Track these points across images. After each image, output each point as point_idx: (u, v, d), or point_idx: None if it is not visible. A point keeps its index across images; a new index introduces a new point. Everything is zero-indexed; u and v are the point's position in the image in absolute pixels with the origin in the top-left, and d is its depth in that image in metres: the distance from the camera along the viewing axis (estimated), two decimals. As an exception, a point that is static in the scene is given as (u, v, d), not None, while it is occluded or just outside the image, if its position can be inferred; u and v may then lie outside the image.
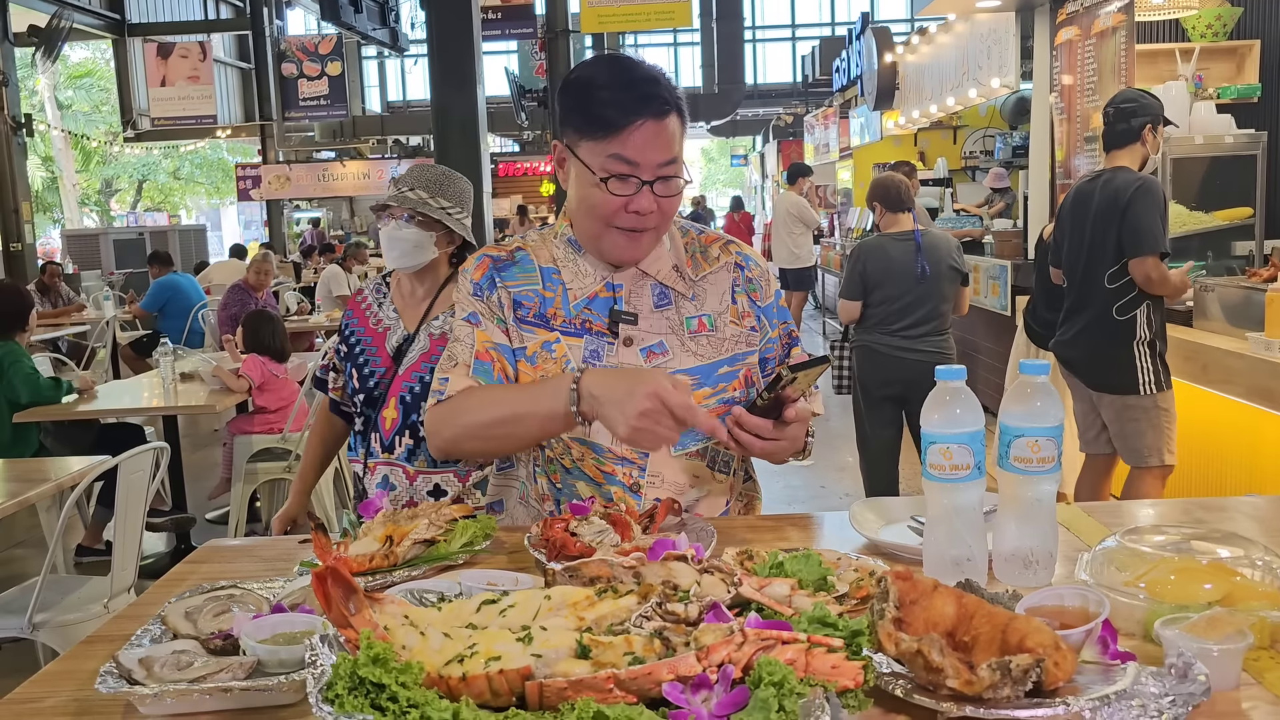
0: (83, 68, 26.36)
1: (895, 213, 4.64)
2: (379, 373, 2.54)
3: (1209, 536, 1.39)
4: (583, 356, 1.70)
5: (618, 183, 1.62)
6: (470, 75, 6.46)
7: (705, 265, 1.79)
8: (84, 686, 1.16)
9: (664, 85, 1.64)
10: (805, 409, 1.60)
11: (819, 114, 16.50)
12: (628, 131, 1.60)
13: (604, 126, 1.61)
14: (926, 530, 1.39)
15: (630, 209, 1.63)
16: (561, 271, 1.75)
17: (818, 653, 0.97)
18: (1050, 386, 1.34)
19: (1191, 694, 0.99)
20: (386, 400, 2.51)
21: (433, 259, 2.54)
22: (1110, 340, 3.87)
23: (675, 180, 1.65)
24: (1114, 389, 3.91)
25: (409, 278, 2.60)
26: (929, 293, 4.51)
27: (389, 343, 2.56)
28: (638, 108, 1.60)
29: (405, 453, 2.49)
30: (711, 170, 42.65)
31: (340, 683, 0.93)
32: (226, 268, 11.77)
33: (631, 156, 1.61)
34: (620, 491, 1.69)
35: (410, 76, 26.37)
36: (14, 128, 12.30)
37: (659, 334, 1.72)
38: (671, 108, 1.63)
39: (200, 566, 1.60)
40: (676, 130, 1.64)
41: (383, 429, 2.50)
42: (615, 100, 1.61)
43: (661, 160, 1.62)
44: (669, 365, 1.70)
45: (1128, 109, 3.91)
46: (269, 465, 5.04)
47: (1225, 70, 6.74)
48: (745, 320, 1.77)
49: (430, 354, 2.49)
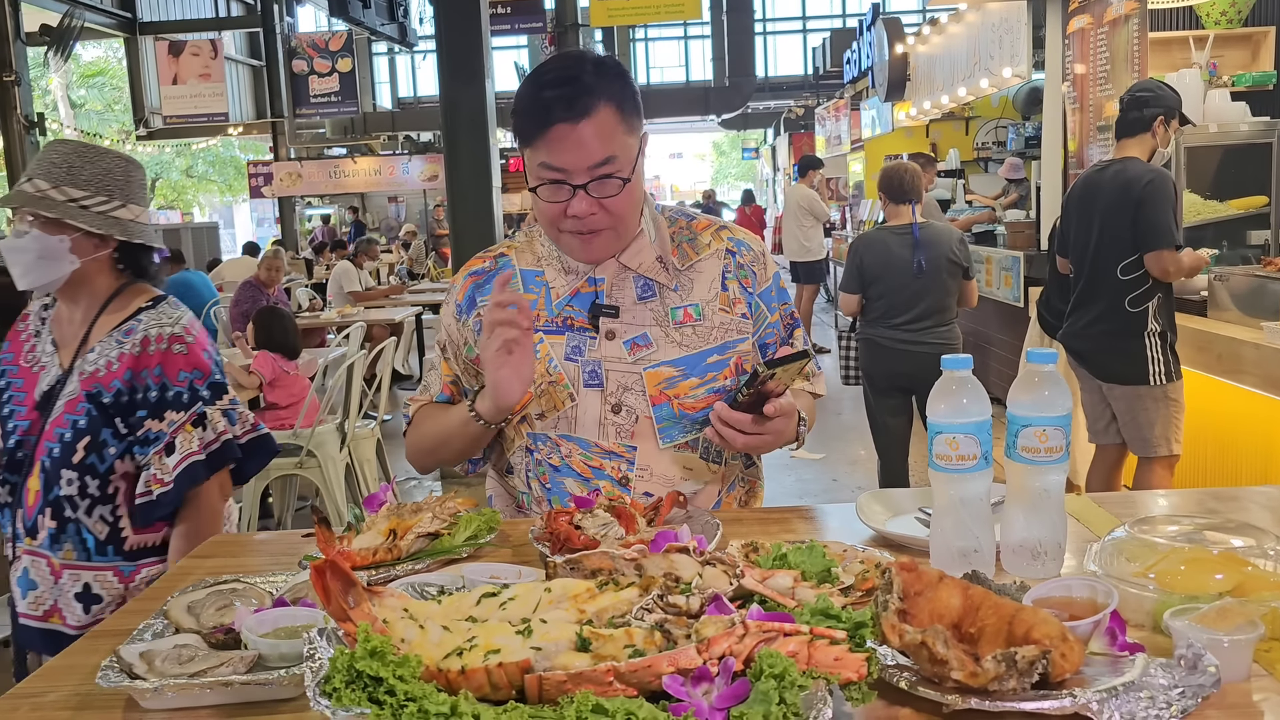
0: (95, 66, 26.47)
1: (897, 204, 4.63)
2: (22, 427, 2.00)
3: (1221, 526, 1.37)
4: (564, 353, 1.69)
5: (549, 189, 1.61)
6: (479, 70, 6.45)
7: (693, 254, 1.76)
8: (86, 681, 1.16)
9: (580, 84, 1.56)
10: (788, 403, 1.59)
11: (830, 106, 16.44)
12: (544, 138, 1.57)
13: (524, 136, 1.61)
14: (933, 521, 1.37)
15: (569, 214, 1.61)
16: (545, 270, 1.74)
17: (820, 645, 0.96)
18: (1058, 376, 1.32)
19: (1201, 685, 0.98)
20: (31, 464, 1.98)
21: (76, 272, 1.97)
22: (1122, 331, 3.86)
23: (612, 180, 1.59)
24: (1124, 379, 3.90)
25: (63, 300, 2.05)
26: (928, 287, 4.50)
27: (39, 387, 2.00)
28: (547, 113, 1.56)
29: (48, 539, 1.98)
30: (723, 164, 42.58)
31: (338, 676, 0.93)
32: (239, 265, 11.81)
33: (555, 163, 1.58)
34: (608, 485, 1.68)
35: (420, 72, 26.39)
36: (27, 127, 12.35)
37: (642, 326, 1.70)
38: (599, 98, 1.56)
39: (205, 561, 1.60)
40: (610, 125, 1.58)
41: (26, 504, 1.99)
42: (528, 108, 1.59)
43: (590, 163, 1.57)
44: (653, 357, 1.69)
45: (1142, 98, 3.89)
46: (281, 461, 5.04)
47: (1240, 58, 6.68)
48: (736, 307, 1.74)
49: (77, 402, 1.94)
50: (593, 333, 1.70)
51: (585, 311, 1.70)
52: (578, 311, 1.71)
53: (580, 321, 1.70)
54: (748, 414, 1.57)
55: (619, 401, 1.68)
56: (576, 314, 1.71)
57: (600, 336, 1.70)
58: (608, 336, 1.70)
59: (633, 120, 1.63)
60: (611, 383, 1.69)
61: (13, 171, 12.38)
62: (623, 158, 1.60)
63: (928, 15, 12.19)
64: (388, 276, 12.80)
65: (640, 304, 1.71)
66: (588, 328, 1.70)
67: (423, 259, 15.68)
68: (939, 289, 4.50)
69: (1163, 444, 3.86)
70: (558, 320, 1.71)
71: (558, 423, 1.69)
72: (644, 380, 1.68)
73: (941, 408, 1.29)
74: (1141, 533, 1.34)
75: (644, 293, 1.72)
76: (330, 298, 9.71)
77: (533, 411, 1.70)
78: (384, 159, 18.81)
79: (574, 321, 1.71)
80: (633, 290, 1.72)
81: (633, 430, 1.68)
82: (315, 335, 8.37)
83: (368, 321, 7.94)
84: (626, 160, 1.61)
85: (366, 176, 18.11)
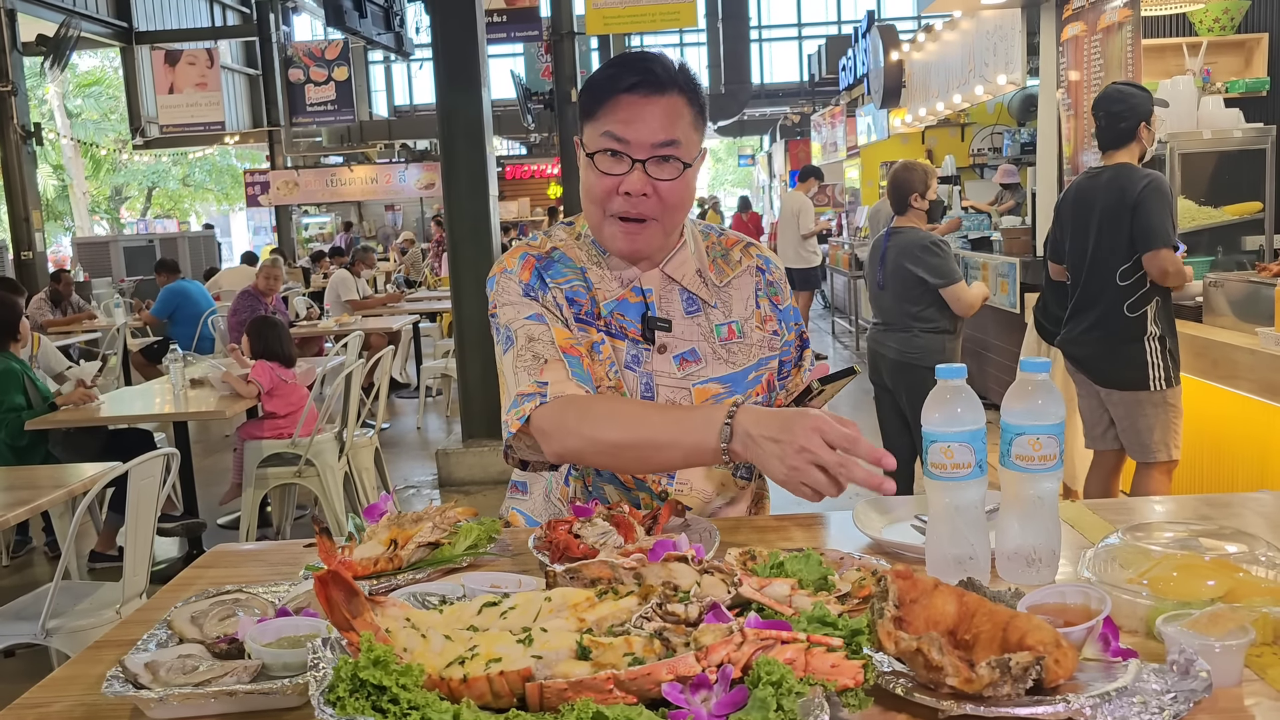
0: (91, 76, 26.49)
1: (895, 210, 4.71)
2: None
3: (1214, 533, 1.39)
4: (624, 361, 1.67)
5: (607, 159, 1.59)
6: (475, 78, 6.46)
7: (728, 270, 1.76)
8: (91, 691, 1.17)
9: (663, 64, 1.58)
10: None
11: (826, 113, 16.49)
12: (614, 104, 1.57)
13: (595, 101, 1.59)
14: (929, 529, 1.39)
15: (621, 190, 1.58)
16: (590, 269, 1.71)
17: (817, 652, 0.98)
18: (1051, 384, 1.33)
19: (1193, 690, 0.99)
20: None
21: None
22: (1121, 337, 3.87)
23: (673, 162, 1.58)
24: (1124, 385, 3.91)
25: None
26: (890, 293, 4.64)
27: None
28: (626, 80, 1.57)
29: None
30: (719, 170, 42.63)
31: (342, 685, 0.94)
32: (237, 274, 11.82)
33: (620, 133, 1.57)
34: (648, 498, 1.69)
35: (416, 80, 26.42)
36: (24, 137, 12.35)
37: (691, 341, 1.69)
38: (670, 86, 1.57)
39: (207, 571, 1.61)
40: (679, 111, 1.58)
41: None
42: (608, 75, 1.60)
43: (656, 140, 1.56)
44: (702, 373, 1.68)
45: (1118, 112, 3.90)
46: (279, 470, 5.06)
47: (1233, 64, 6.71)
48: (768, 325, 1.75)
49: None
50: (647, 345, 1.68)
51: (635, 321, 1.68)
52: (629, 321, 1.68)
53: (632, 332, 1.68)
54: None
55: None
56: (627, 323, 1.68)
57: (653, 350, 1.68)
58: (660, 350, 1.68)
59: (699, 122, 1.63)
60: (661, 397, 1.67)
61: (10, 181, 12.38)
62: (686, 145, 1.60)
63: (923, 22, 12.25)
64: (385, 285, 12.81)
65: (688, 318, 1.70)
66: (639, 339, 1.68)
67: (420, 267, 15.69)
68: (901, 295, 4.58)
69: (1162, 449, 3.87)
70: (608, 323, 1.68)
71: None
72: (693, 396, 1.67)
73: (936, 416, 1.31)
74: (1135, 539, 1.36)
75: (690, 307, 1.71)
76: (328, 306, 9.72)
77: None
78: (381, 167, 18.84)
79: (626, 330, 1.68)
80: (679, 304, 1.71)
81: None
82: (313, 344, 8.38)
83: (365, 330, 7.95)
84: (689, 150, 1.61)
85: (363, 185, 18.13)
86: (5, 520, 3.15)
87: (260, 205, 18.08)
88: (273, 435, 5.12)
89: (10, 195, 12.41)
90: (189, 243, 17.02)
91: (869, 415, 7.96)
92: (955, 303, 4.48)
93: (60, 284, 9.64)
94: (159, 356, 8.41)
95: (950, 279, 4.49)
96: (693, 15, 11.56)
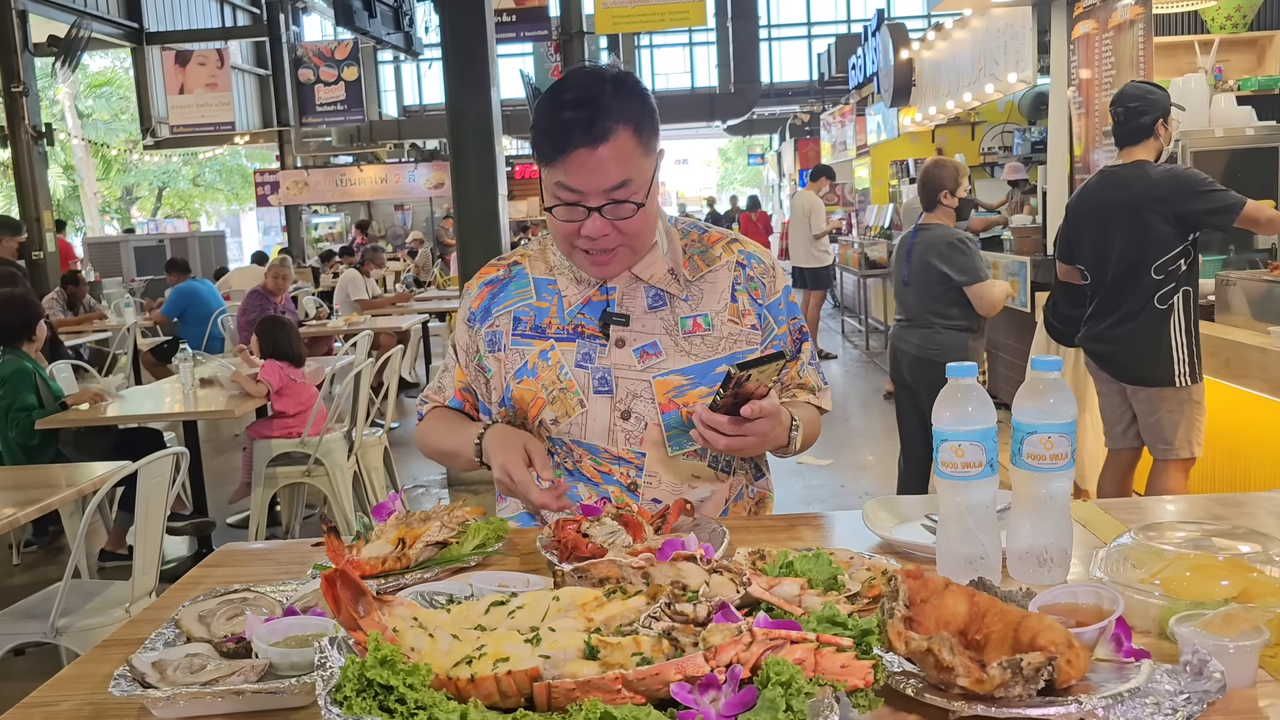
0: (102, 76, 26.58)
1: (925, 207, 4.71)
2: None
3: (1228, 533, 1.38)
4: (575, 360, 1.72)
5: (564, 210, 1.62)
6: (485, 78, 6.46)
7: (704, 266, 1.78)
8: (98, 689, 1.17)
9: (599, 105, 1.56)
10: (770, 405, 1.57)
11: (835, 112, 16.46)
12: (563, 161, 1.58)
13: (544, 155, 1.61)
14: (939, 529, 1.38)
15: (582, 234, 1.63)
16: (558, 279, 1.78)
17: (827, 652, 0.97)
18: (1063, 382, 1.32)
19: (1207, 691, 0.98)
20: None
21: None
22: (1150, 331, 3.84)
23: (627, 204, 1.61)
24: (1149, 381, 3.88)
25: None
26: (914, 289, 4.64)
27: None
28: (567, 137, 1.56)
29: None
30: (728, 170, 42.61)
31: (348, 684, 0.94)
32: (246, 274, 11.84)
33: (573, 185, 1.60)
34: (617, 491, 1.71)
35: (426, 80, 26.46)
36: (35, 137, 12.40)
37: (652, 334, 1.72)
38: (616, 124, 1.56)
39: (216, 570, 1.61)
40: (627, 149, 1.58)
41: None
42: (548, 128, 1.59)
43: (606, 186, 1.59)
44: (663, 365, 1.71)
45: (1136, 108, 3.89)
46: (288, 469, 5.07)
47: (1245, 62, 6.67)
48: (745, 319, 1.76)
49: None
50: (603, 340, 1.72)
51: (596, 319, 1.73)
52: (589, 319, 1.74)
53: (591, 329, 1.73)
54: (725, 416, 1.56)
55: (628, 409, 1.70)
56: (588, 321, 1.74)
57: (610, 344, 1.72)
58: (618, 344, 1.72)
59: (650, 140, 1.63)
60: (621, 390, 1.71)
61: (21, 181, 12.43)
62: (638, 180, 1.61)
63: (932, 21, 12.21)
64: (394, 284, 12.83)
65: (650, 313, 1.74)
66: (598, 335, 1.73)
67: (429, 267, 15.72)
68: (924, 293, 4.59)
69: (1184, 446, 3.86)
70: (569, 328, 1.74)
71: (569, 428, 1.72)
72: (653, 388, 1.70)
73: (947, 415, 1.30)
74: (1147, 539, 1.35)
75: (654, 302, 1.74)
76: (337, 306, 9.74)
77: (546, 418, 1.73)
78: (390, 167, 18.87)
79: (585, 329, 1.73)
80: (643, 299, 1.74)
81: (641, 437, 1.71)
82: (322, 343, 8.39)
83: (374, 330, 7.96)
84: (642, 183, 1.62)
85: (373, 185, 18.18)
86: (15, 520, 3.16)
87: (270, 205, 18.14)
88: (282, 435, 5.13)
89: (22, 195, 12.46)
90: (199, 242, 17.08)
91: (877, 414, 7.97)
92: (979, 302, 4.48)
93: (77, 286, 9.67)
94: (169, 356, 8.43)
95: (975, 277, 4.49)
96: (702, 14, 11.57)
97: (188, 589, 1.50)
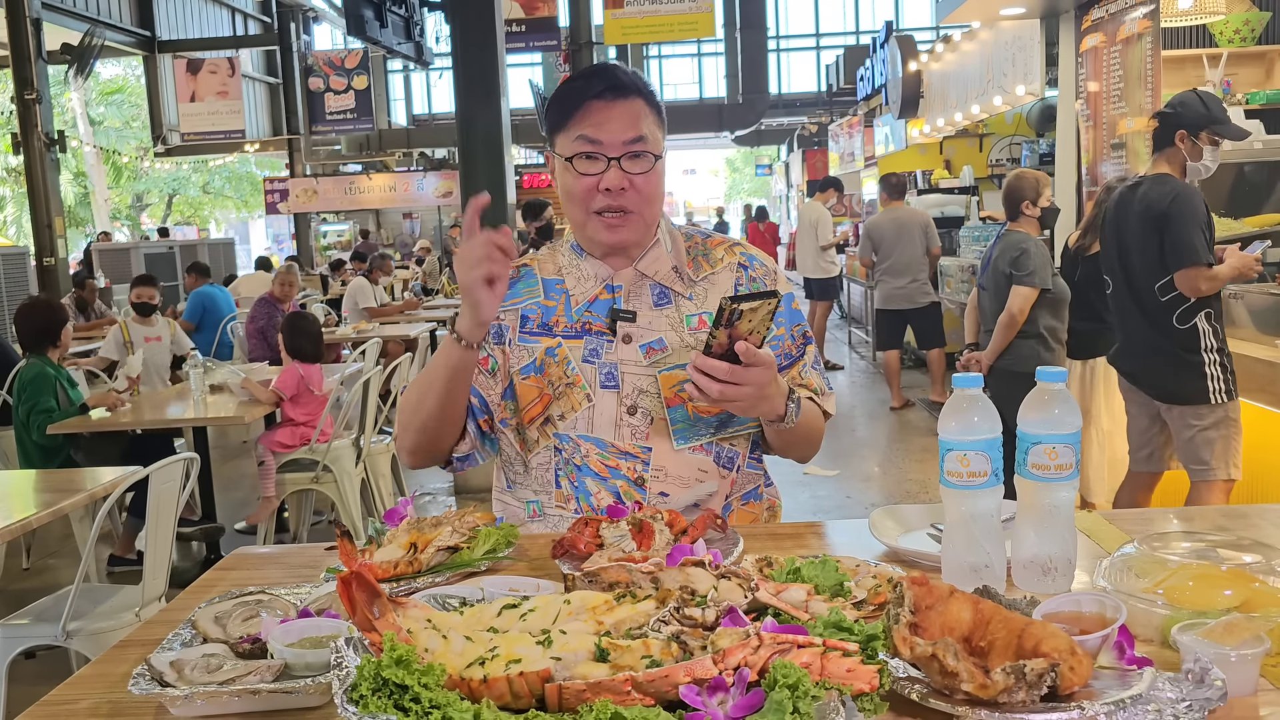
0: (114, 84, 26.75)
1: (1009, 216, 4.87)
2: None
3: (1232, 544, 1.39)
4: (582, 355, 1.75)
5: (584, 161, 1.70)
6: (494, 88, 6.51)
7: (707, 267, 1.83)
8: (116, 688, 1.19)
9: (624, 73, 1.72)
10: (766, 354, 1.56)
11: (843, 123, 16.48)
12: (585, 110, 1.69)
13: (565, 112, 1.71)
14: (945, 537, 1.39)
15: (601, 187, 1.70)
16: (565, 279, 1.81)
17: (833, 656, 0.98)
18: (1068, 393, 1.34)
19: (1208, 699, 0.99)
20: None
21: None
22: (1177, 348, 3.76)
23: (645, 156, 1.70)
24: (1183, 399, 3.78)
25: None
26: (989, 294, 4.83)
27: None
28: (594, 88, 1.70)
29: None
30: (736, 180, 42.65)
31: (365, 684, 0.95)
32: (253, 280, 11.89)
33: (593, 135, 1.69)
34: (625, 485, 1.72)
35: (435, 89, 26.57)
36: (47, 144, 12.47)
37: (658, 331, 1.76)
38: (632, 91, 1.71)
39: (229, 573, 1.63)
40: (642, 111, 1.71)
41: None
42: (575, 87, 1.73)
43: (626, 137, 1.69)
44: (669, 360, 1.74)
45: (1165, 114, 3.84)
46: (297, 476, 5.09)
47: (1254, 75, 6.69)
48: None
49: None
50: (610, 336, 1.76)
51: (603, 316, 1.77)
52: (596, 316, 1.77)
53: (598, 326, 1.77)
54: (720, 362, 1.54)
55: (635, 404, 1.73)
56: (595, 319, 1.77)
57: (617, 340, 1.76)
58: (624, 340, 1.75)
59: (660, 122, 1.76)
60: (627, 385, 1.74)
61: (34, 188, 12.50)
62: (652, 140, 1.72)
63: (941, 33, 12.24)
64: (402, 292, 12.87)
65: (656, 310, 1.77)
66: (605, 331, 1.76)
67: (437, 275, 15.76)
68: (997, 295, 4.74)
69: (1221, 467, 3.73)
70: (576, 325, 1.78)
71: (576, 423, 1.74)
72: (659, 383, 1.73)
73: (952, 425, 1.32)
74: (1151, 549, 1.36)
75: (660, 300, 1.78)
76: (345, 313, 9.77)
77: (554, 413, 1.75)
78: (399, 175, 18.95)
79: (592, 326, 1.77)
80: (649, 297, 1.78)
81: (647, 432, 1.73)
82: (331, 351, 8.41)
83: (383, 337, 7.99)
84: (656, 145, 1.73)
85: (382, 193, 18.26)
86: (28, 523, 3.18)
87: (279, 212, 18.23)
88: (291, 441, 5.15)
89: (34, 202, 12.53)
90: (209, 249, 17.14)
91: (883, 425, 7.97)
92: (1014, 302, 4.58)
93: (85, 291, 9.72)
94: (179, 362, 8.46)
95: (1023, 276, 4.58)
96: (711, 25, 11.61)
97: (202, 591, 1.52)
